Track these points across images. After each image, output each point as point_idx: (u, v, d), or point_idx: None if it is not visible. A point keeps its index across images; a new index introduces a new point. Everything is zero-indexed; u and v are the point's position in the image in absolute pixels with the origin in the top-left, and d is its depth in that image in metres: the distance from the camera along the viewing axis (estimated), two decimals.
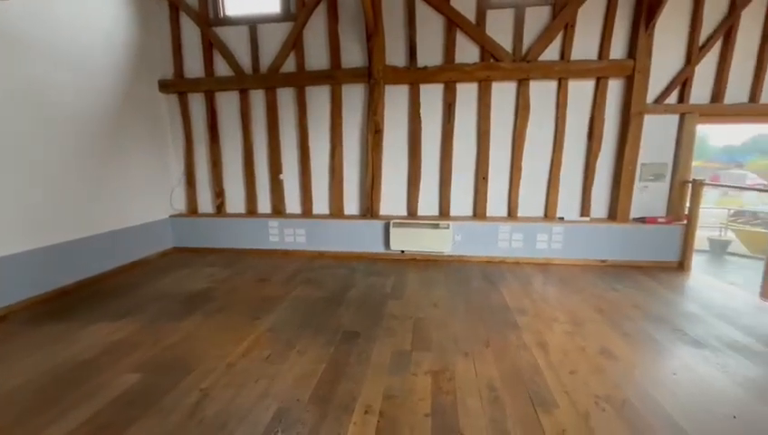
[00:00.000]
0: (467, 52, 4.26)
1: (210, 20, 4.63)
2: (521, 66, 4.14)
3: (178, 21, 4.69)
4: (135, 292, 3.57)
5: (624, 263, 4.29)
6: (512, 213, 4.54)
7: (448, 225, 4.39)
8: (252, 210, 5.04)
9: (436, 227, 4.41)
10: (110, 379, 2.17)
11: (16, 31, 3.16)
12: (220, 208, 5.10)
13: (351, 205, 4.84)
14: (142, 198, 4.58)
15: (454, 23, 4.19)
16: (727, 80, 3.97)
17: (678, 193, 4.24)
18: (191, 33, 4.70)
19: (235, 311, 3.12)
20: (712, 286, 3.66)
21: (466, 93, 4.37)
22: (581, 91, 4.21)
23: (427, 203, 4.69)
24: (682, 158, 4.17)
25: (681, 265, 4.18)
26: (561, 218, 4.43)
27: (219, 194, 5.05)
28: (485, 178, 4.49)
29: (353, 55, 4.45)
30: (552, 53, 4.15)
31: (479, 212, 4.58)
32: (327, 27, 4.43)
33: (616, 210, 4.32)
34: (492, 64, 4.19)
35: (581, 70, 4.09)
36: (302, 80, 4.54)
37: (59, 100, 3.54)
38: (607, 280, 3.83)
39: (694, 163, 4.25)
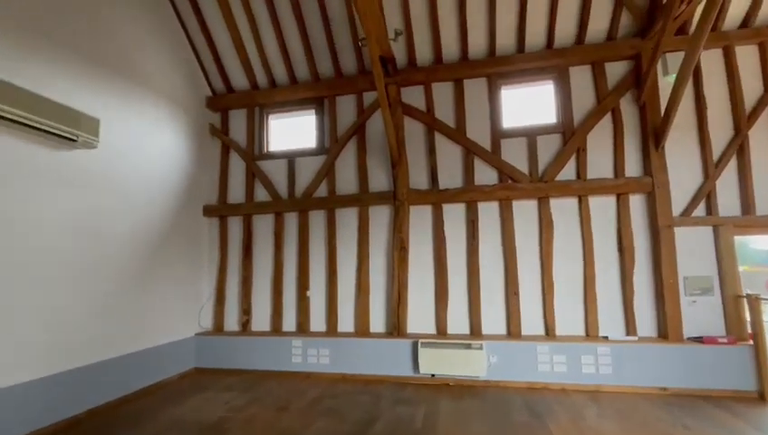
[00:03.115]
0: (486, 174, 4.56)
1: (255, 155, 5.31)
2: (539, 186, 4.33)
3: (228, 156, 5.40)
4: (149, 422, 3.36)
5: (689, 392, 3.72)
6: (549, 331, 4.23)
7: (481, 344, 4.09)
8: (276, 328, 4.96)
9: (468, 347, 4.12)
10: None
11: (92, 171, 3.69)
12: (245, 326, 5.05)
13: (378, 322, 4.69)
14: (170, 317, 4.62)
15: (471, 151, 4.59)
16: (753, 192, 3.96)
17: (734, 308, 3.89)
18: (237, 166, 5.35)
19: None
20: None
21: (488, 211, 4.53)
22: (604, 206, 4.28)
23: (457, 321, 4.48)
24: (726, 270, 3.94)
25: (762, 396, 3.58)
26: (606, 338, 4.06)
27: (246, 311, 5.07)
28: (516, 294, 4.33)
29: (380, 180, 4.85)
30: (568, 172, 4.36)
31: (513, 330, 4.30)
32: (356, 158, 4.95)
33: (666, 328, 3.94)
34: (510, 185, 4.42)
35: (599, 187, 4.21)
36: (332, 203, 4.91)
37: (112, 227, 3.87)
38: (674, 413, 3.28)
39: (741, 268, 3.99)
